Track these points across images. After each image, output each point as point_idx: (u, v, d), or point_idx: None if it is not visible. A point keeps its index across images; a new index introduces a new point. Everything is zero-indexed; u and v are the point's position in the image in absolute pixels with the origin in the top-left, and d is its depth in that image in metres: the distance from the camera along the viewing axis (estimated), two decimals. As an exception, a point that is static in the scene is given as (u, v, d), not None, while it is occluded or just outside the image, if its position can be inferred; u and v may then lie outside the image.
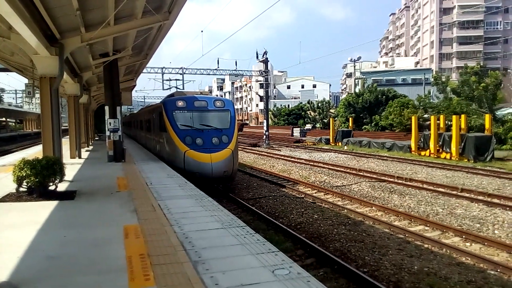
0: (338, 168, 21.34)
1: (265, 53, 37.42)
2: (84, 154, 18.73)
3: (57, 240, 5.40)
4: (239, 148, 19.57)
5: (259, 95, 65.26)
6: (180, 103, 14.63)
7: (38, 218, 6.51)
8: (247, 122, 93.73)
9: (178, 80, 46.83)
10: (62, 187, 8.97)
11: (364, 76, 64.69)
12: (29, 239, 5.40)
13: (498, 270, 7.48)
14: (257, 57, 37.68)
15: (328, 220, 11.11)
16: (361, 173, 19.38)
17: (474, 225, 10.58)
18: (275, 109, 70.91)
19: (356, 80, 60.84)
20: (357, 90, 52.00)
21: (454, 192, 14.36)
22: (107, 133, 15.06)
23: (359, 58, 60.14)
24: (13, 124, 76.09)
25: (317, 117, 59.63)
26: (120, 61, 15.86)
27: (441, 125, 27.05)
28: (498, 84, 31.69)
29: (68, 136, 18.86)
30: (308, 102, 63.50)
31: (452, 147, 24.25)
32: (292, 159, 26.25)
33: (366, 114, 44.73)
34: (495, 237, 9.57)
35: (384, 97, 44.34)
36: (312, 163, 23.83)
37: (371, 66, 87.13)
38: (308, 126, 57.29)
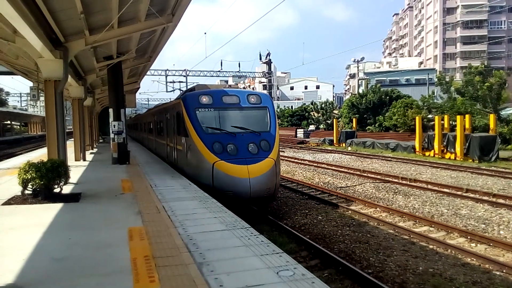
0: (342, 169, 21.29)
1: (268, 54, 37.49)
2: (89, 156, 18.81)
3: (62, 242, 5.42)
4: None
5: (262, 97, 65.10)
6: (205, 99, 11.33)
7: (43, 221, 6.54)
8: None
9: (182, 82, 46.97)
10: (67, 189, 9.01)
11: (368, 77, 64.59)
12: (34, 241, 5.43)
13: (504, 271, 7.44)
14: (260, 59, 37.76)
15: (332, 221, 11.09)
16: (365, 174, 19.33)
17: (479, 225, 10.53)
18: (278, 110, 70.85)
19: (360, 81, 60.76)
20: (360, 91, 51.91)
21: (459, 193, 14.29)
22: (111, 135, 15.13)
23: (363, 58, 60.07)
24: (18, 127, 76.55)
25: (321, 118, 59.54)
26: (124, 64, 15.92)
27: (445, 125, 26.95)
28: (503, 84, 31.55)
29: (72, 139, 18.93)
30: (312, 103, 63.41)
31: (456, 147, 24.15)
32: (295, 160, 26.22)
33: (370, 115, 44.63)
34: (501, 238, 9.51)
35: (387, 97, 44.22)
36: (316, 164, 23.80)
37: (374, 66, 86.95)
38: (312, 127, 57.23)
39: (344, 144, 36.72)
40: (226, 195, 9.76)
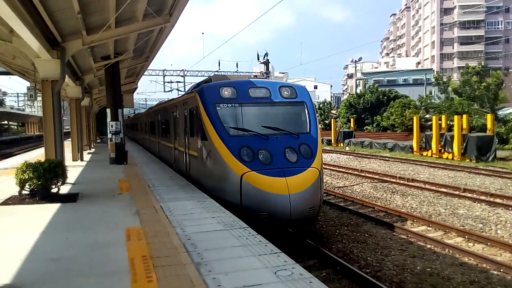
0: (340, 169, 21.32)
1: (266, 54, 37.39)
2: (86, 156, 18.77)
3: (59, 242, 5.41)
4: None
5: (260, 97, 65.08)
6: (227, 92, 9.15)
7: (40, 221, 6.53)
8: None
9: (180, 82, 46.94)
10: (64, 189, 9.00)
11: (365, 77, 64.66)
12: (32, 242, 5.42)
13: (501, 270, 7.46)
14: (258, 59, 37.65)
15: (330, 221, 11.10)
16: (363, 174, 19.36)
17: (476, 225, 10.56)
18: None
19: (357, 81, 60.83)
20: (358, 91, 52.00)
21: (457, 192, 14.33)
22: (109, 135, 15.11)
23: (360, 59, 60.10)
24: (15, 127, 76.31)
25: (319, 118, 59.63)
26: (121, 64, 15.90)
27: (443, 125, 27.00)
28: (500, 84, 31.66)
29: (70, 139, 18.90)
30: (310, 103, 63.33)
31: (454, 147, 24.21)
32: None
33: (368, 115, 44.70)
34: (498, 237, 9.54)
35: (385, 97, 44.31)
36: (314, 164, 23.77)
37: (372, 66, 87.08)
38: (310, 127, 57.13)
39: (342, 144, 36.77)
40: (259, 218, 7.67)
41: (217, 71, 43.32)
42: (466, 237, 9.44)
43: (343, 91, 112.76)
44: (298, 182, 7.89)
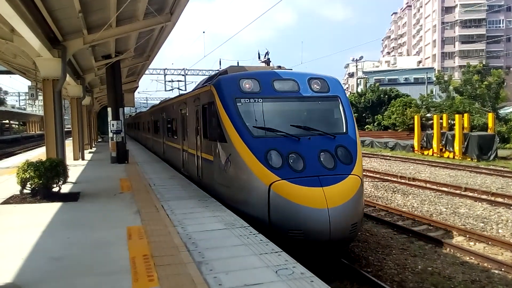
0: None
1: (267, 53, 37.34)
2: (87, 155, 18.79)
3: (61, 241, 5.42)
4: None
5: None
6: (249, 85, 7.88)
7: (41, 220, 6.54)
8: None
9: (180, 81, 46.96)
10: (65, 188, 9.00)
11: (366, 76, 64.61)
12: (33, 241, 5.43)
13: (503, 270, 7.45)
14: (259, 58, 37.56)
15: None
16: (364, 173, 19.34)
17: (477, 224, 10.54)
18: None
19: (358, 80, 60.76)
20: (359, 90, 51.93)
21: (458, 191, 14.31)
22: (110, 134, 15.12)
23: (361, 57, 60.01)
24: (17, 126, 76.43)
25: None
26: (122, 63, 15.90)
27: (444, 124, 26.98)
28: (501, 83, 31.64)
29: (71, 138, 18.92)
30: (311, 102, 63.29)
31: (455, 146, 24.18)
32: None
33: (369, 114, 44.66)
34: (499, 236, 9.53)
35: (386, 96, 44.25)
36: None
37: (373, 65, 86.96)
38: (311, 126, 57.10)
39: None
40: (291, 238, 6.40)
41: (218, 70, 43.18)
42: (467, 236, 9.43)
43: (344, 90, 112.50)
44: (338, 193, 6.66)
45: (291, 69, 9.78)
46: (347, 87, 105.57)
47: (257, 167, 6.91)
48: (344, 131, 7.89)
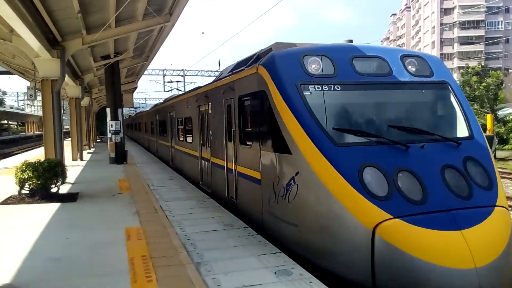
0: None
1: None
2: (86, 156, 18.77)
3: (59, 242, 5.40)
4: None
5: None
6: (316, 64, 5.37)
7: (40, 220, 6.52)
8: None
9: (179, 82, 46.94)
10: (64, 189, 8.99)
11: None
12: (31, 241, 5.41)
13: None
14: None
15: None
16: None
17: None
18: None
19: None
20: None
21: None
22: (109, 135, 15.11)
23: (360, 58, 59.98)
24: (15, 126, 76.33)
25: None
26: (121, 63, 15.90)
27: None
28: (500, 84, 31.73)
29: (70, 138, 18.90)
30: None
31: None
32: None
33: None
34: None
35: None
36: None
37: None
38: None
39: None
40: None
41: (217, 71, 43.10)
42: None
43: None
44: (487, 239, 4.12)
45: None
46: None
47: (348, 196, 4.34)
48: (468, 134, 5.32)
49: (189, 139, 11.22)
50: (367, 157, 4.62)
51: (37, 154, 18.55)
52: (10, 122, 69.76)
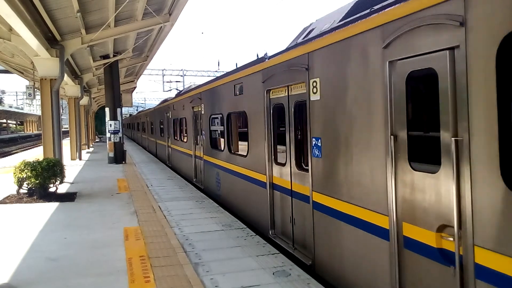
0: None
1: (265, 54, 37.29)
2: (85, 155, 18.75)
3: (57, 242, 5.40)
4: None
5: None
6: None
7: (38, 220, 6.51)
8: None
9: (179, 82, 46.92)
10: (62, 188, 8.98)
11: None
12: (30, 241, 5.41)
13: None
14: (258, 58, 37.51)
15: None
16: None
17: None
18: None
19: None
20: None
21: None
22: (108, 134, 15.09)
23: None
24: (14, 125, 76.26)
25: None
26: (120, 63, 15.89)
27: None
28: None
29: (68, 138, 18.89)
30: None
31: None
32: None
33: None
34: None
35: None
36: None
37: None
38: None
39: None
40: None
41: (216, 71, 43.11)
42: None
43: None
44: None
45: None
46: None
47: None
48: None
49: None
50: None
51: (36, 154, 18.53)
52: (9, 121, 69.69)
